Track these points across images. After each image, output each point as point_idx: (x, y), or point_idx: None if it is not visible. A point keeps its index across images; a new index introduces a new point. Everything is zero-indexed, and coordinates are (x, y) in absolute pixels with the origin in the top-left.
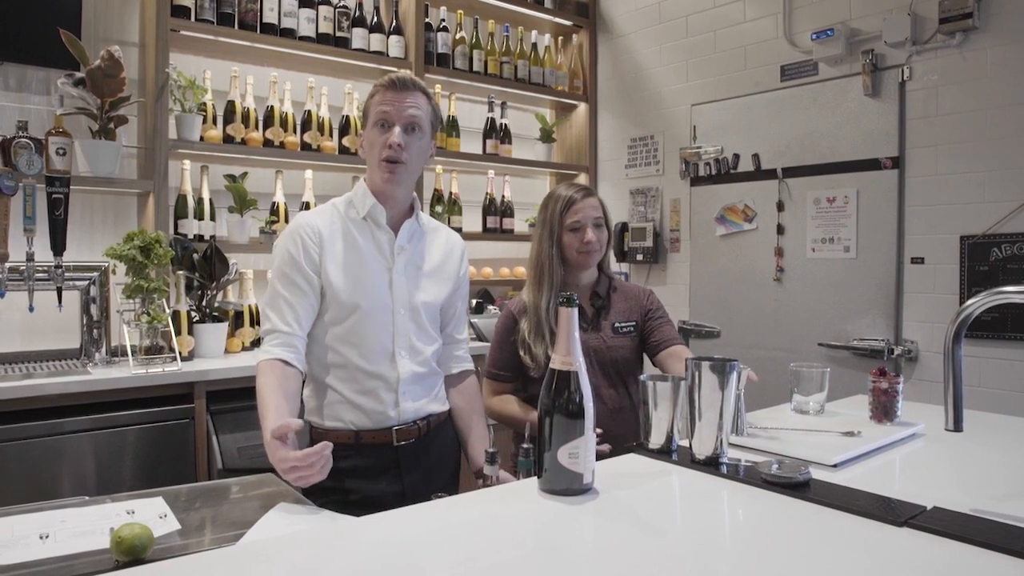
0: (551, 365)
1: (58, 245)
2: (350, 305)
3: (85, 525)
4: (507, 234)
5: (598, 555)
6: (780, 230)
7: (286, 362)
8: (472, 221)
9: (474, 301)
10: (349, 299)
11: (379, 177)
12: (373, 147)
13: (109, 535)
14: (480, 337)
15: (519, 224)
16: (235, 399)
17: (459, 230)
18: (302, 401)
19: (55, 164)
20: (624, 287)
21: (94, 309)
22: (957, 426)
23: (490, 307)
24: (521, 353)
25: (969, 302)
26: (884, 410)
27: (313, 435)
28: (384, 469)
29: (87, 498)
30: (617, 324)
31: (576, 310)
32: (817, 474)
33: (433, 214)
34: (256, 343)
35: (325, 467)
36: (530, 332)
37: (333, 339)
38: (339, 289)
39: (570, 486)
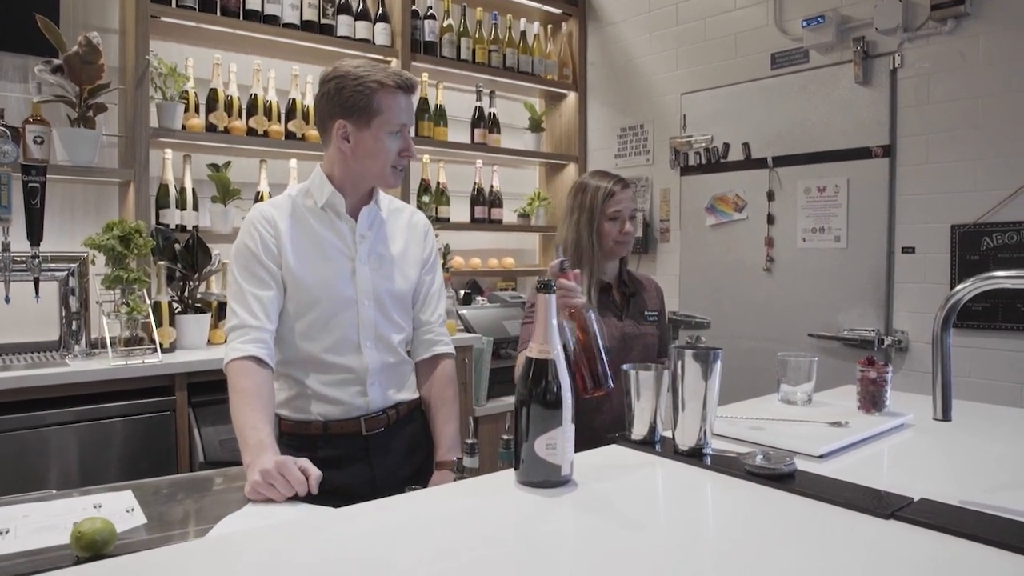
0: (528, 353)
1: (35, 235)
2: (312, 298)
3: (48, 520)
4: (495, 224)
5: (577, 549)
6: (770, 220)
7: (259, 360)
8: (460, 211)
9: (462, 292)
10: (311, 292)
11: (390, 180)
12: (384, 151)
13: (71, 530)
14: (468, 328)
15: (507, 215)
16: (218, 391)
17: (447, 220)
18: None
19: (33, 153)
20: (641, 277)
21: (73, 300)
22: (946, 415)
23: (479, 298)
24: None
25: (959, 287)
26: (872, 400)
27: (282, 427)
28: (354, 459)
29: (54, 492)
30: (646, 312)
31: (554, 297)
32: (803, 465)
33: (420, 204)
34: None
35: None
36: None
37: (297, 333)
38: (300, 282)
39: (548, 478)
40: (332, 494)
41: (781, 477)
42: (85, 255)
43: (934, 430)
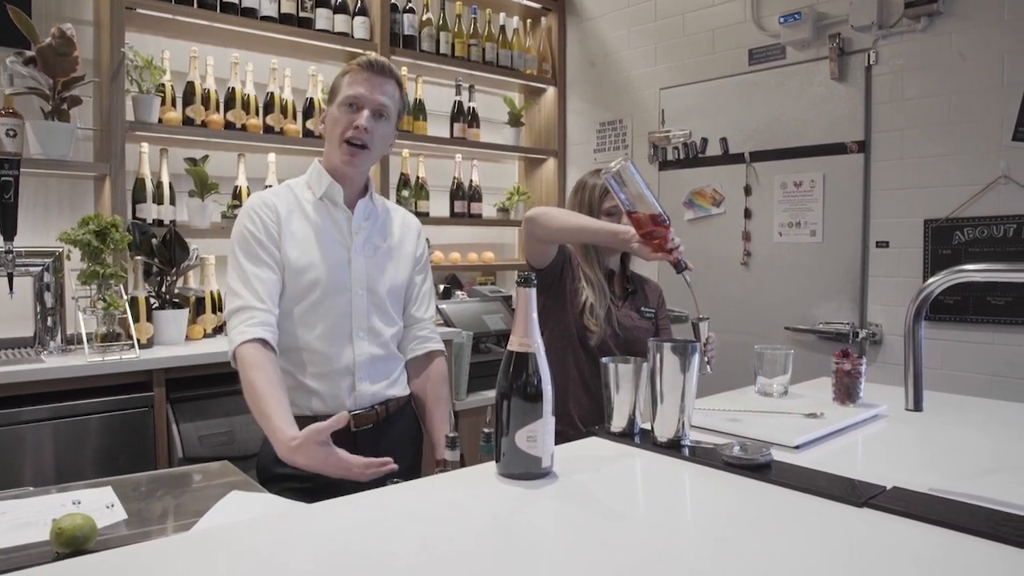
0: (508, 347)
1: (8, 229)
2: (308, 284)
3: (26, 516)
4: (475, 219)
5: (558, 540)
6: (747, 214)
7: (267, 343)
8: (439, 206)
9: (442, 287)
10: (306, 277)
11: (339, 157)
12: (337, 126)
13: (51, 526)
14: (448, 323)
15: (487, 209)
16: (196, 387)
17: (426, 215)
18: None
19: (5, 146)
20: (644, 277)
21: (48, 296)
22: (917, 406)
23: (458, 292)
24: (586, 317)
25: (930, 280)
26: (847, 391)
27: None
28: None
29: (31, 489)
30: (643, 308)
31: (534, 290)
32: (779, 456)
33: (400, 198)
34: (218, 329)
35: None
36: (596, 300)
37: (289, 320)
38: (297, 268)
39: (529, 470)
40: (318, 492)
41: (758, 467)
42: (60, 250)
43: (907, 421)
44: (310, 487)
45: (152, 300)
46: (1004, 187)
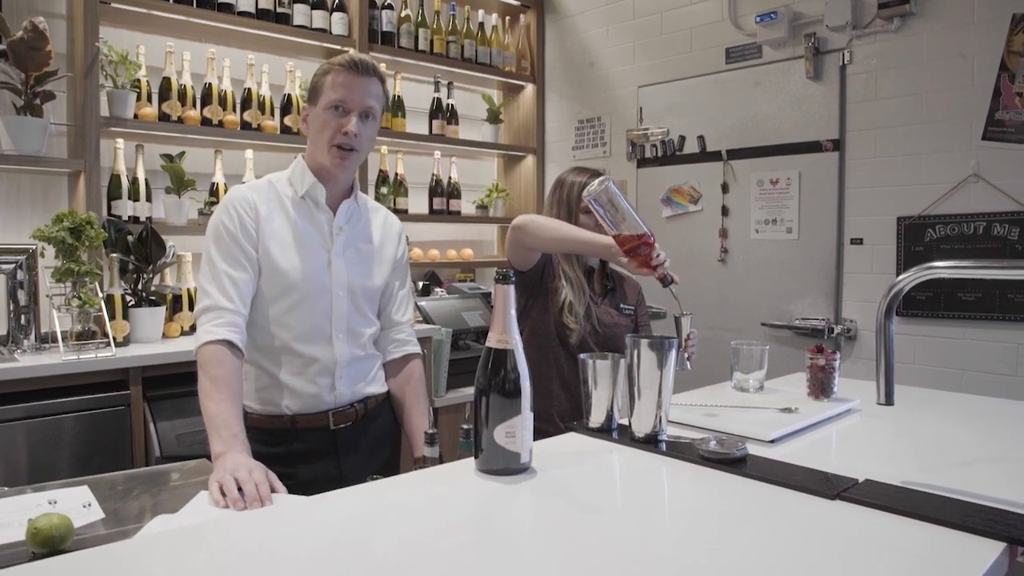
0: (487, 343)
1: None
2: (287, 286)
3: (1, 517)
4: (454, 216)
5: (537, 535)
6: (725, 211)
7: (232, 345)
8: (418, 203)
9: (420, 284)
10: (286, 279)
11: (328, 161)
12: (324, 129)
13: (26, 526)
14: (427, 320)
15: (466, 206)
16: (173, 385)
17: (405, 212)
18: None
19: None
20: (623, 274)
21: (21, 294)
22: (888, 400)
23: (438, 290)
24: (565, 315)
25: (900, 277)
26: (821, 386)
27: (249, 421)
28: (322, 453)
29: (6, 488)
30: (622, 305)
31: (512, 287)
32: (754, 450)
33: (378, 195)
34: (195, 327)
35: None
36: (576, 299)
37: (268, 320)
38: (276, 269)
39: (507, 465)
40: (298, 489)
41: (733, 461)
42: (34, 247)
43: (879, 415)
44: (291, 484)
45: (128, 298)
46: (975, 185)
